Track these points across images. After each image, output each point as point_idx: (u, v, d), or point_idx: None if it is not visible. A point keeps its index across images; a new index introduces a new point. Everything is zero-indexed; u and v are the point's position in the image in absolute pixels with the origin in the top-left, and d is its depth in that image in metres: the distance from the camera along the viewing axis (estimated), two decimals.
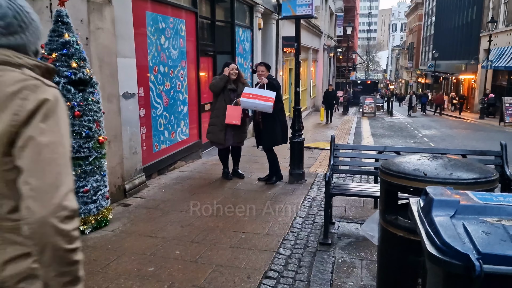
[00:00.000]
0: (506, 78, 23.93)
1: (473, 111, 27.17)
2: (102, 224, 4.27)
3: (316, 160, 8.46)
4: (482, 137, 14.43)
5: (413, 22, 62.69)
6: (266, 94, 5.62)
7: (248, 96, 5.66)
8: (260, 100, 5.58)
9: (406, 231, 2.45)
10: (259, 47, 11.98)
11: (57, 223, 1.02)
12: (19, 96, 1.08)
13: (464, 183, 2.31)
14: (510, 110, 18.99)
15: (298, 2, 6.22)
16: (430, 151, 4.88)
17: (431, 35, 47.03)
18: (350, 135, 13.40)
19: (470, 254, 1.31)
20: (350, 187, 4.79)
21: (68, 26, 4.03)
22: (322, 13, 24.67)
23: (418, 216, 1.71)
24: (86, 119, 4.05)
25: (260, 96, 5.59)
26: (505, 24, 24.05)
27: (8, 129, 1.05)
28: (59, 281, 1.06)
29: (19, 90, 1.08)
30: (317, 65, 25.44)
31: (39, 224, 1.01)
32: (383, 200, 2.72)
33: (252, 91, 5.75)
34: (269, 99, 5.58)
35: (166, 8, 6.69)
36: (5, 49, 1.14)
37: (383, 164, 2.72)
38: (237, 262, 3.57)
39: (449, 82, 38.66)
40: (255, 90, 5.78)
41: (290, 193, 5.73)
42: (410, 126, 18.37)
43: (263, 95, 5.60)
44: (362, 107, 24.58)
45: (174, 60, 7.01)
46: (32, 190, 1.03)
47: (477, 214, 1.56)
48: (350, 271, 3.60)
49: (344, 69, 38.89)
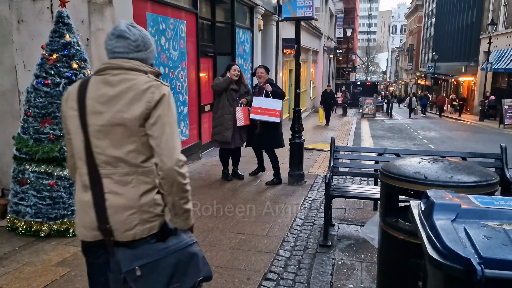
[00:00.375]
0: (506, 80, 23.96)
1: (473, 113, 27.19)
2: None
3: (316, 161, 8.46)
4: (481, 139, 14.44)
5: (413, 24, 62.77)
6: (273, 107, 5.85)
7: (257, 112, 5.88)
8: (268, 116, 5.86)
9: (406, 233, 2.45)
10: (259, 48, 11.99)
11: (178, 169, 1.67)
12: (149, 91, 1.69)
13: (465, 186, 2.31)
14: (509, 112, 19.00)
15: (299, 3, 6.23)
16: (430, 153, 4.87)
17: (431, 37, 47.09)
18: (349, 137, 13.40)
19: (471, 258, 1.31)
20: (350, 189, 4.79)
21: (69, 27, 4.03)
22: (322, 14, 24.70)
23: (419, 220, 1.71)
24: None
25: (267, 110, 5.85)
26: (505, 26, 24.09)
27: (144, 111, 1.68)
28: (180, 202, 1.73)
29: (149, 87, 1.70)
30: (317, 67, 25.46)
31: (169, 171, 1.66)
32: (384, 203, 2.72)
33: (260, 104, 5.89)
34: (276, 114, 5.86)
35: (166, 9, 6.70)
36: (136, 60, 1.77)
37: (383, 166, 2.72)
38: (236, 263, 3.57)
39: (448, 84, 38.70)
40: (262, 103, 5.90)
41: (290, 194, 5.73)
42: (409, 128, 18.38)
43: (271, 109, 5.85)
44: (362, 108, 24.57)
45: (174, 61, 7.01)
46: (163, 150, 1.67)
47: (478, 218, 1.57)
48: (350, 273, 3.59)
49: (344, 71, 38.94)
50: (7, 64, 4.76)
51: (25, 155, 3.98)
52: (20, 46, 4.67)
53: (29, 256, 3.60)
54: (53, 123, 3.93)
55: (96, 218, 1.69)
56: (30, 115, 3.95)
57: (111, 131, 1.69)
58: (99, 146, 1.70)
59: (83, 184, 1.74)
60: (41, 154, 3.88)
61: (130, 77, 1.71)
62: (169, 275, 1.69)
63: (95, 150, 1.70)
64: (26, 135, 3.97)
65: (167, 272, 1.69)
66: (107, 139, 1.69)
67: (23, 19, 4.61)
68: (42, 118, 3.92)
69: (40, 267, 3.41)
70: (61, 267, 3.41)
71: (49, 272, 3.32)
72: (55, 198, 3.96)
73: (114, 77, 1.72)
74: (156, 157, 1.69)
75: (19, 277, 3.23)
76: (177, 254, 1.72)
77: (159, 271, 1.68)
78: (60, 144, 3.92)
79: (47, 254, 3.65)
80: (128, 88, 1.69)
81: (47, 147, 3.89)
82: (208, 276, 1.82)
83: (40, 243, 3.87)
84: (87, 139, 1.71)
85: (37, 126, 3.93)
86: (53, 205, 3.96)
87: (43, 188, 3.95)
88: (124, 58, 1.75)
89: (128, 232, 1.69)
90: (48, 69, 3.93)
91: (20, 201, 4.02)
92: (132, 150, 1.70)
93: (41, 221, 3.97)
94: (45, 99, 3.91)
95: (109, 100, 1.69)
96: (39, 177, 3.95)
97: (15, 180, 4.07)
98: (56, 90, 3.92)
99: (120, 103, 1.68)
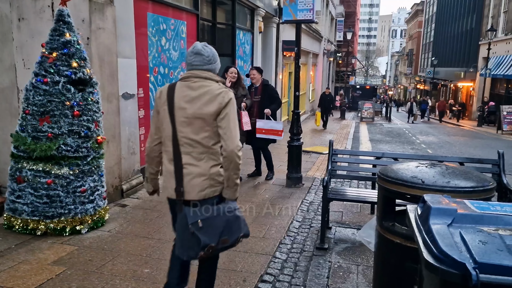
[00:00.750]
0: (504, 87, 24.02)
1: (471, 119, 27.25)
2: (99, 224, 4.26)
3: (314, 164, 8.47)
4: (479, 145, 14.48)
5: (413, 29, 62.93)
6: (275, 128, 6.29)
7: (261, 132, 6.31)
8: (272, 135, 6.32)
9: (403, 238, 2.46)
10: (260, 50, 12.00)
11: (236, 151, 2.32)
12: (221, 95, 2.36)
13: (462, 192, 2.32)
14: (507, 119, 19.05)
15: (299, 6, 6.24)
16: (428, 158, 4.88)
17: (431, 42, 47.21)
18: (348, 140, 13.41)
19: (466, 263, 1.31)
20: (347, 192, 4.80)
21: (70, 25, 4.03)
22: (322, 18, 24.75)
23: (415, 224, 1.71)
24: (85, 119, 4.05)
25: (271, 131, 6.29)
26: (504, 33, 24.18)
27: (217, 109, 2.34)
28: (234, 176, 2.37)
29: (220, 92, 2.37)
30: (317, 69, 25.49)
31: (230, 152, 2.31)
32: (381, 207, 2.72)
33: (263, 126, 6.30)
34: (278, 133, 6.30)
35: (167, 9, 6.71)
36: (209, 72, 2.44)
37: (381, 170, 2.73)
38: (233, 265, 3.57)
39: (447, 89, 38.79)
40: (266, 125, 6.31)
41: (287, 196, 5.73)
42: (408, 132, 18.41)
43: (274, 129, 6.29)
44: (361, 112, 24.60)
45: (174, 62, 7.01)
46: (228, 137, 2.32)
47: (474, 223, 1.57)
48: (346, 276, 3.60)
49: (344, 74, 38.97)
50: (7, 62, 4.75)
51: (23, 153, 3.97)
52: (20, 44, 4.67)
53: (25, 255, 3.59)
54: (52, 121, 3.92)
55: (175, 182, 2.38)
56: (28, 113, 3.94)
57: (192, 122, 2.37)
58: (183, 131, 2.38)
59: (169, 158, 2.45)
60: (39, 152, 3.87)
61: (206, 84, 2.40)
62: (221, 229, 2.30)
63: (180, 134, 2.39)
64: (24, 133, 3.97)
65: (220, 227, 2.30)
66: (189, 127, 2.37)
67: (24, 17, 4.61)
68: (40, 116, 3.92)
69: (36, 265, 3.40)
70: (57, 266, 3.40)
71: (44, 271, 3.31)
72: (52, 196, 3.95)
73: (194, 83, 2.41)
74: (222, 141, 2.36)
75: (14, 275, 3.23)
76: (227, 215, 2.34)
77: (214, 225, 2.29)
78: (58, 142, 3.91)
79: (43, 253, 3.64)
80: (205, 92, 2.38)
81: (45, 145, 3.88)
82: (247, 234, 2.45)
83: (36, 242, 3.86)
84: (174, 126, 2.39)
85: (36, 124, 3.93)
86: (50, 204, 3.96)
87: (40, 187, 3.94)
88: (200, 70, 2.43)
89: (201, 193, 2.37)
90: (47, 67, 3.93)
91: (17, 199, 4.01)
92: (206, 136, 2.38)
93: (37, 219, 3.96)
94: (44, 97, 3.90)
95: (191, 100, 2.37)
96: (37, 175, 3.95)
97: (12, 178, 4.06)
98: (55, 88, 3.91)
99: (199, 103, 2.37)
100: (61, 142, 3.93)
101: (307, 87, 21.98)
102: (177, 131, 2.38)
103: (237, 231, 2.37)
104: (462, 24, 33.64)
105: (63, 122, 3.94)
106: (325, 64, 29.07)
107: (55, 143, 3.91)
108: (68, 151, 3.97)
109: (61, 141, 3.93)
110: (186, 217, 2.26)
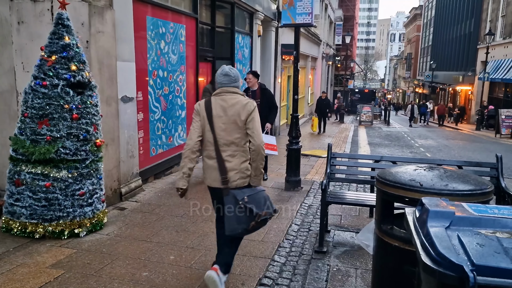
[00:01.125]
0: (503, 90, 24.08)
1: (470, 122, 27.29)
2: (97, 228, 4.26)
3: (313, 167, 8.47)
4: (478, 148, 14.50)
5: (412, 33, 63.12)
6: (270, 142, 6.42)
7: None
8: (268, 149, 6.29)
9: (401, 241, 2.46)
10: (258, 54, 12.03)
11: (261, 145, 3.00)
12: (248, 104, 3.03)
13: (460, 195, 2.33)
14: (506, 122, 19.09)
15: (298, 10, 6.27)
16: (427, 161, 4.89)
17: (429, 45, 47.35)
18: (347, 144, 13.43)
19: (464, 265, 1.32)
20: (346, 196, 4.80)
21: (69, 29, 4.04)
22: (321, 21, 24.82)
23: (413, 227, 1.72)
24: (84, 122, 4.05)
25: (269, 145, 6.32)
26: (502, 37, 24.26)
27: (246, 116, 2.99)
28: (259, 166, 3.04)
29: (247, 102, 3.04)
30: (316, 73, 25.55)
31: (257, 146, 2.99)
32: (379, 210, 2.73)
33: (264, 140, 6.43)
34: (274, 148, 6.51)
35: (166, 13, 6.72)
36: (235, 87, 3.12)
37: (379, 173, 2.73)
38: (231, 268, 3.56)
39: (446, 93, 38.87)
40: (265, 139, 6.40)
41: (286, 200, 5.73)
42: (407, 136, 18.43)
43: (270, 143, 6.38)
44: (359, 115, 24.64)
45: (173, 65, 7.03)
46: (255, 135, 2.99)
47: (472, 226, 1.58)
48: (345, 279, 3.59)
49: (342, 78, 39.06)
50: (6, 65, 4.76)
51: (22, 156, 3.97)
52: (20, 47, 4.68)
53: (23, 258, 3.59)
54: (50, 124, 3.92)
55: (220, 174, 3.02)
56: (27, 116, 3.94)
57: (228, 126, 3.04)
58: (220, 134, 3.04)
59: (210, 155, 3.08)
60: (37, 155, 3.87)
61: (235, 97, 3.08)
62: (262, 202, 2.98)
63: (218, 137, 3.04)
64: (23, 136, 3.97)
65: (261, 200, 2.99)
66: (225, 131, 3.04)
67: (23, 21, 4.62)
68: (39, 119, 3.92)
69: (34, 268, 3.40)
70: (55, 269, 3.40)
71: (43, 274, 3.31)
72: (51, 199, 3.95)
73: (226, 97, 3.08)
74: (251, 139, 3.03)
75: (12, 278, 3.22)
76: (262, 194, 3.05)
77: (257, 199, 2.98)
78: (57, 145, 3.91)
79: (41, 256, 3.64)
80: (236, 103, 3.06)
81: (44, 148, 3.88)
82: (276, 210, 3.11)
83: (35, 245, 3.85)
84: (213, 131, 3.04)
85: (34, 127, 3.93)
86: (49, 207, 3.95)
87: (39, 190, 3.94)
88: (228, 87, 3.12)
89: (234, 182, 3.01)
90: (46, 70, 3.93)
91: (16, 202, 4.01)
92: (238, 137, 3.05)
93: (36, 223, 3.96)
94: (43, 100, 3.91)
95: (225, 110, 3.04)
96: (35, 178, 3.94)
97: (11, 181, 4.06)
98: (54, 91, 3.92)
99: (232, 111, 3.03)
100: (60, 145, 3.93)
101: (306, 90, 22.02)
102: (216, 134, 3.03)
103: (272, 206, 3.03)
104: (460, 28, 33.76)
105: (62, 125, 3.94)
106: (324, 67, 29.13)
107: (54, 146, 3.91)
108: (67, 154, 3.97)
109: (60, 144, 3.93)
110: (235, 196, 2.93)
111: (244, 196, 2.91)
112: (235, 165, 3.01)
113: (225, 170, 3.00)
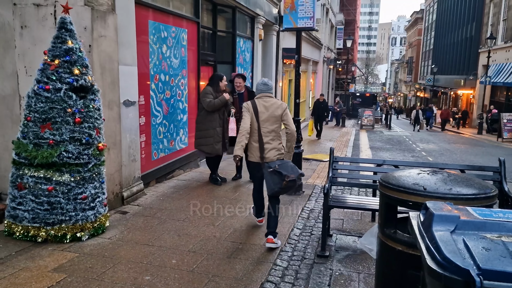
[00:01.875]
0: (505, 94, 24.07)
1: (471, 126, 27.25)
2: (99, 231, 4.25)
3: (314, 171, 8.46)
4: (480, 152, 14.47)
5: (413, 37, 63.20)
6: None
7: None
8: None
9: (405, 245, 2.45)
10: (260, 58, 12.05)
11: (295, 130, 4.42)
12: (282, 104, 4.42)
13: (464, 199, 2.32)
14: (508, 126, 19.05)
15: (300, 14, 6.29)
16: (429, 165, 4.88)
17: (430, 49, 47.39)
18: (348, 148, 13.41)
19: (470, 269, 1.31)
20: (348, 200, 4.78)
21: (72, 33, 4.06)
22: (322, 25, 24.88)
23: (418, 231, 1.71)
24: (87, 126, 4.06)
25: None
26: (504, 40, 24.28)
27: (282, 112, 4.35)
28: (293, 145, 4.48)
29: (282, 103, 4.45)
30: (317, 77, 25.57)
31: (292, 131, 4.37)
32: (382, 214, 2.71)
33: None
34: None
35: (168, 17, 6.75)
36: (271, 93, 4.47)
37: (382, 177, 2.72)
38: (233, 272, 3.55)
39: (447, 97, 38.86)
40: None
41: (288, 204, 5.71)
42: (408, 140, 18.41)
43: None
44: (361, 119, 24.62)
45: (175, 69, 7.04)
46: (289, 125, 4.38)
47: (477, 230, 1.57)
48: (348, 284, 3.58)
49: (343, 82, 39.09)
50: (9, 69, 4.77)
51: (24, 159, 3.97)
52: (23, 51, 4.69)
53: (25, 262, 3.58)
54: (53, 128, 3.93)
55: (259, 153, 4.26)
56: (30, 119, 3.95)
57: (269, 119, 4.27)
58: (264, 125, 4.26)
59: (254, 139, 4.27)
60: (40, 159, 3.87)
61: (273, 99, 4.38)
62: (290, 169, 4.05)
63: (261, 126, 4.26)
64: (25, 140, 3.97)
65: (288, 168, 4.06)
66: (267, 122, 4.27)
67: (26, 25, 4.64)
68: (42, 123, 3.92)
69: (36, 272, 3.39)
70: (57, 273, 3.39)
71: (45, 278, 3.30)
72: (53, 203, 3.95)
73: (266, 99, 4.35)
74: (287, 127, 4.31)
75: (14, 282, 3.21)
76: (290, 164, 4.14)
77: (285, 166, 4.07)
78: (60, 149, 3.91)
79: (43, 260, 3.63)
80: (273, 103, 4.33)
81: (46, 152, 3.88)
82: (302, 174, 4.27)
83: (37, 249, 3.85)
84: (258, 123, 4.26)
85: (37, 131, 3.93)
86: (51, 211, 3.95)
87: (41, 193, 3.94)
88: (266, 92, 4.37)
89: (272, 157, 4.24)
90: (49, 74, 3.94)
91: (18, 205, 4.01)
92: (277, 127, 4.29)
93: (38, 226, 3.96)
94: (46, 104, 3.91)
95: (267, 108, 4.29)
96: (38, 182, 3.95)
97: (13, 185, 4.06)
98: (57, 95, 3.93)
99: (271, 109, 4.29)
100: (62, 149, 3.93)
101: (307, 94, 22.03)
102: (260, 125, 4.26)
103: (298, 171, 4.08)
104: (461, 32, 33.80)
105: (65, 129, 3.95)
106: (325, 71, 29.18)
107: (56, 150, 3.91)
108: (69, 158, 3.97)
109: (62, 148, 3.93)
110: (270, 166, 4.08)
111: (276, 165, 4.05)
112: (274, 146, 4.26)
113: (263, 150, 4.22)
